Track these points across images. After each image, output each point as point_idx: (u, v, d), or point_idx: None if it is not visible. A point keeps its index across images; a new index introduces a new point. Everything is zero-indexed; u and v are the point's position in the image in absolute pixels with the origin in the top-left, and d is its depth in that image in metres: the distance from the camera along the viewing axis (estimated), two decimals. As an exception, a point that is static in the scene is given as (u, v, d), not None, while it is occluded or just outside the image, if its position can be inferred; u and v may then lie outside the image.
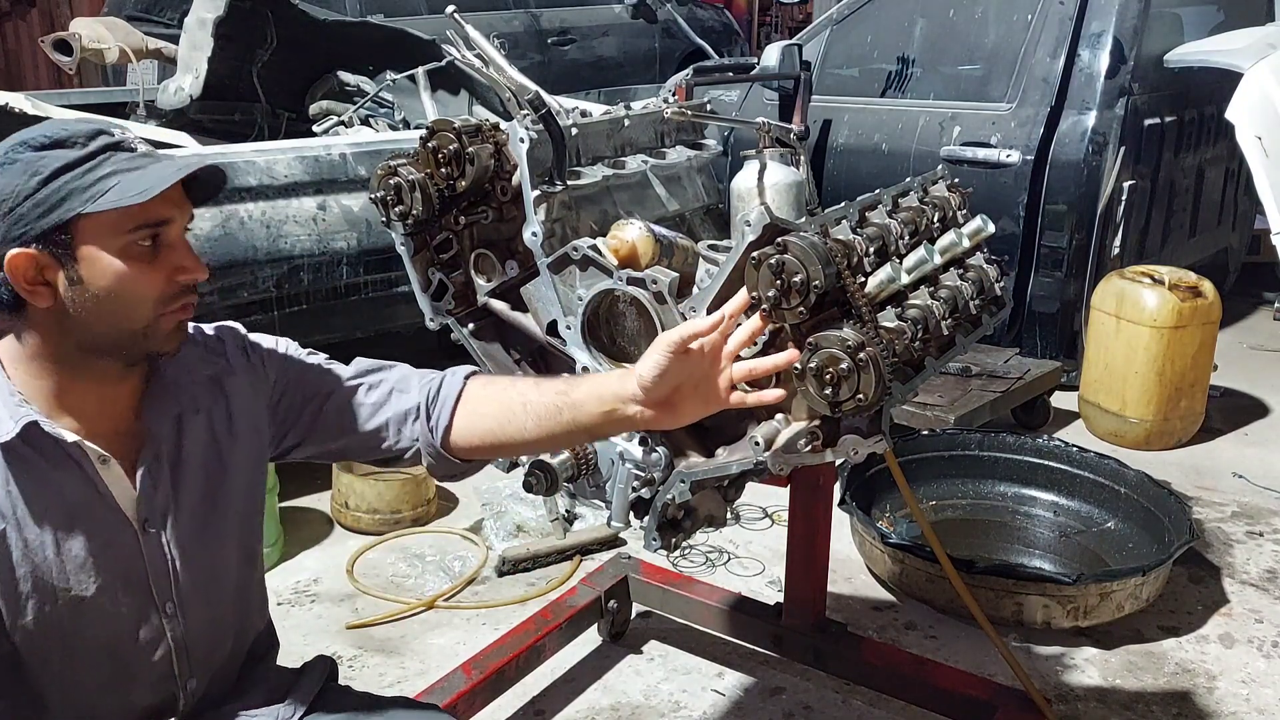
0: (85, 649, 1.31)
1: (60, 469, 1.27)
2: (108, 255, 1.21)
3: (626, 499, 1.72)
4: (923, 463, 3.33)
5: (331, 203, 3.27)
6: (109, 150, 1.22)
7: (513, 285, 1.85)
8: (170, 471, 1.36)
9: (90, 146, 1.22)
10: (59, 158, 1.19)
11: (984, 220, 1.86)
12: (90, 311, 1.23)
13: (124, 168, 1.22)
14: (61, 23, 7.75)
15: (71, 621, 1.28)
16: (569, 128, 1.81)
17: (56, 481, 1.26)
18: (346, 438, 1.53)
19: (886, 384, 1.41)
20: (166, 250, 1.26)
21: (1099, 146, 4.02)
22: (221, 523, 1.43)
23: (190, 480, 1.38)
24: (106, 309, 1.23)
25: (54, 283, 1.21)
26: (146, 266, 1.24)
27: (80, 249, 1.21)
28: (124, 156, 1.23)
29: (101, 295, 1.22)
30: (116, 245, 1.22)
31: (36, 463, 1.25)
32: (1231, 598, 2.93)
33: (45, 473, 1.25)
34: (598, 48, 7.09)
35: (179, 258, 1.27)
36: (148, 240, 1.24)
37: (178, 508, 1.36)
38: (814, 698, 2.50)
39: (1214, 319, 3.81)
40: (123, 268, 1.22)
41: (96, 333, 1.25)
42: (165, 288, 1.26)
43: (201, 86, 3.84)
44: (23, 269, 1.20)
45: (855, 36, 4.73)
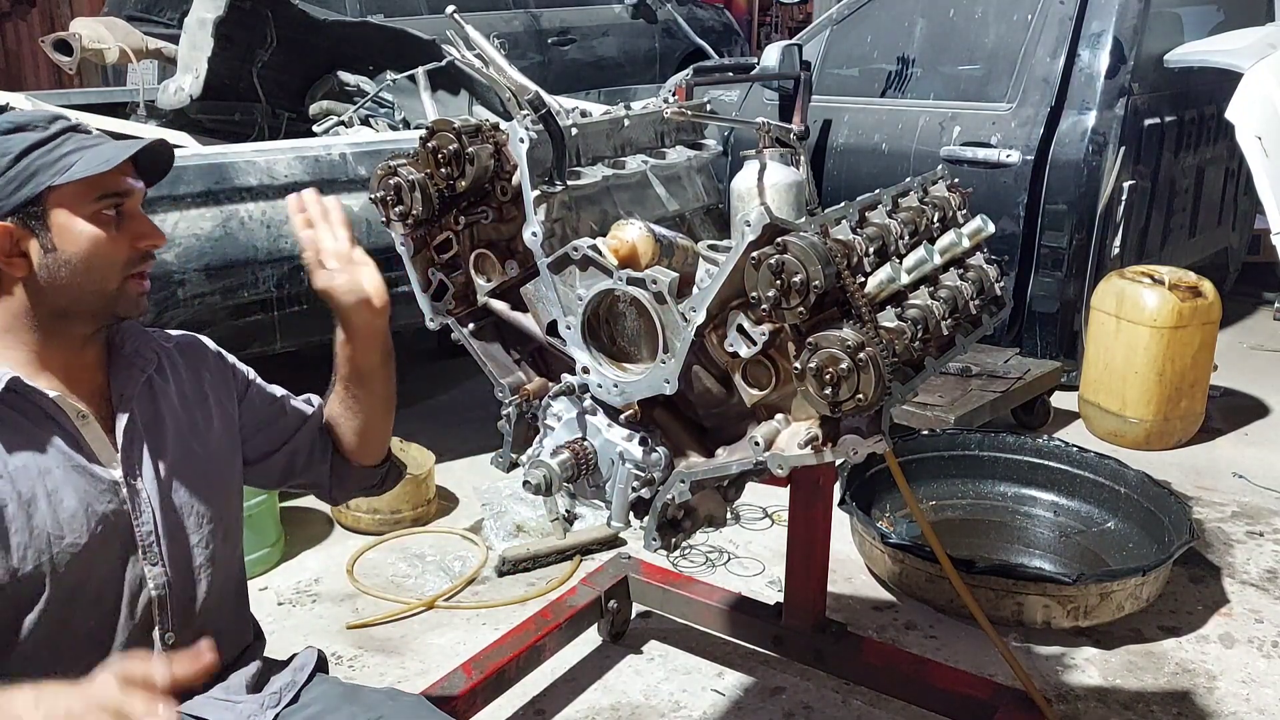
0: (78, 598, 1.37)
1: (41, 426, 1.36)
2: (79, 221, 1.34)
3: (626, 499, 1.72)
4: (923, 463, 3.33)
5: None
6: (68, 131, 1.36)
7: (513, 285, 1.85)
8: (145, 429, 1.45)
9: (51, 129, 1.35)
10: (24, 139, 1.32)
11: (984, 220, 1.86)
12: (64, 278, 1.34)
13: (85, 145, 1.35)
14: (61, 23, 7.75)
15: (67, 570, 1.35)
16: (569, 128, 1.81)
17: (40, 438, 1.35)
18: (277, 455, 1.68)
19: (886, 384, 1.41)
20: (128, 220, 1.38)
21: (1099, 146, 4.02)
22: (198, 480, 1.51)
23: (166, 436, 1.48)
24: (80, 273, 1.35)
25: (29, 253, 1.33)
26: (113, 233, 1.37)
27: (53, 218, 1.33)
28: (82, 136, 1.37)
29: (75, 261, 1.34)
30: (86, 213, 1.34)
31: (19, 422, 1.34)
32: (1231, 598, 2.93)
33: (29, 430, 1.34)
34: (598, 48, 7.09)
35: (140, 225, 1.40)
36: (112, 209, 1.36)
37: (156, 461, 1.45)
38: (814, 698, 2.51)
39: (1214, 319, 3.81)
40: (94, 232, 1.35)
41: (70, 298, 1.36)
42: (130, 253, 1.38)
43: (201, 86, 3.84)
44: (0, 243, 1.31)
45: (855, 36, 4.73)
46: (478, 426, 3.55)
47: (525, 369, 1.91)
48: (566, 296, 1.72)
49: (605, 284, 1.66)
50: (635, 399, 1.69)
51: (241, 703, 1.50)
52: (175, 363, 1.55)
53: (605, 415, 1.74)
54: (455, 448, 3.61)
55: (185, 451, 1.50)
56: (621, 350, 1.73)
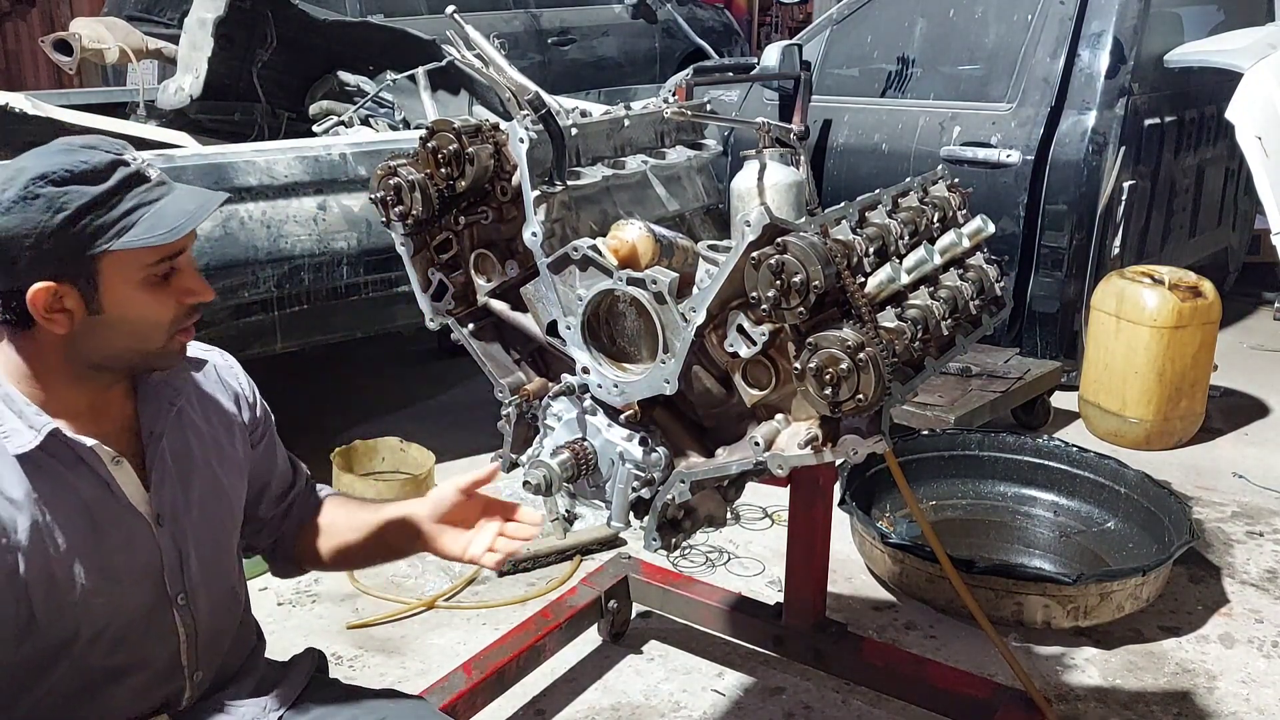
0: (103, 641, 1.34)
1: (74, 472, 1.30)
2: (129, 286, 1.26)
3: (626, 499, 1.72)
4: (923, 463, 3.33)
5: (331, 203, 3.27)
6: (128, 183, 1.25)
7: (513, 285, 1.85)
8: (175, 465, 1.40)
9: (110, 181, 1.23)
10: (81, 194, 1.21)
11: (984, 220, 1.86)
12: (105, 337, 1.28)
13: (145, 200, 1.25)
14: (61, 23, 7.75)
15: (93, 616, 1.31)
16: (569, 128, 1.81)
17: (73, 484, 1.30)
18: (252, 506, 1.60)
19: (886, 384, 1.41)
20: (178, 275, 1.31)
21: (1099, 146, 4.02)
22: (224, 514, 1.49)
23: (195, 473, 1.43)
24: (123, 334, 1.29)
25: (73, 310, 1.25)
26: (161, 293, 1.29)
27: (103, 281, 1.25)
28: (143, 189, 1.26)
29: (119, 323, 1.27)
30: (138, 277, 1.27)
31: (53, 468, 1.28)
32: (1231, 598, 2.93)
33: (62, 476, 1.29)
34: (598, 48, 7.09)
35: (188, 281, 1.32)
36: (166, 269, 1.28)
37: (186, 501, 1.41)
38: (814, 698, 2.51)
39: (1214, 319, 3.81)
40: (141, 296, 1.27)
41: (108, 355, 1.30)
42: (176, 311, 1.31)
43: (201, 86, 3.84)
44: (44, 300, 1.23)
45: (855, 36, 4.73)
46: (478, 426, 3.54)
47: (525, 369, 1.91)
48: (566, 296, 1.72)
49: (605, 284, 1.66)
50: (635, 399, 1.69)
51: (243, 706, 1.49)
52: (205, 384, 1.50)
53: (605, 415, 1.74)
54: (455, 448, 3.60)
55: (210, 484, 1.46)
56: (621, 350, 1.73)
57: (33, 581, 1.25)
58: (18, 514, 1.25)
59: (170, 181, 1.31)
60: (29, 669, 1.30)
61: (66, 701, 1.34)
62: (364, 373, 4.59)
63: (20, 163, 1.24)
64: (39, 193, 1.20)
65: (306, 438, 3.59)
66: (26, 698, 1.32)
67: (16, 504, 1.25)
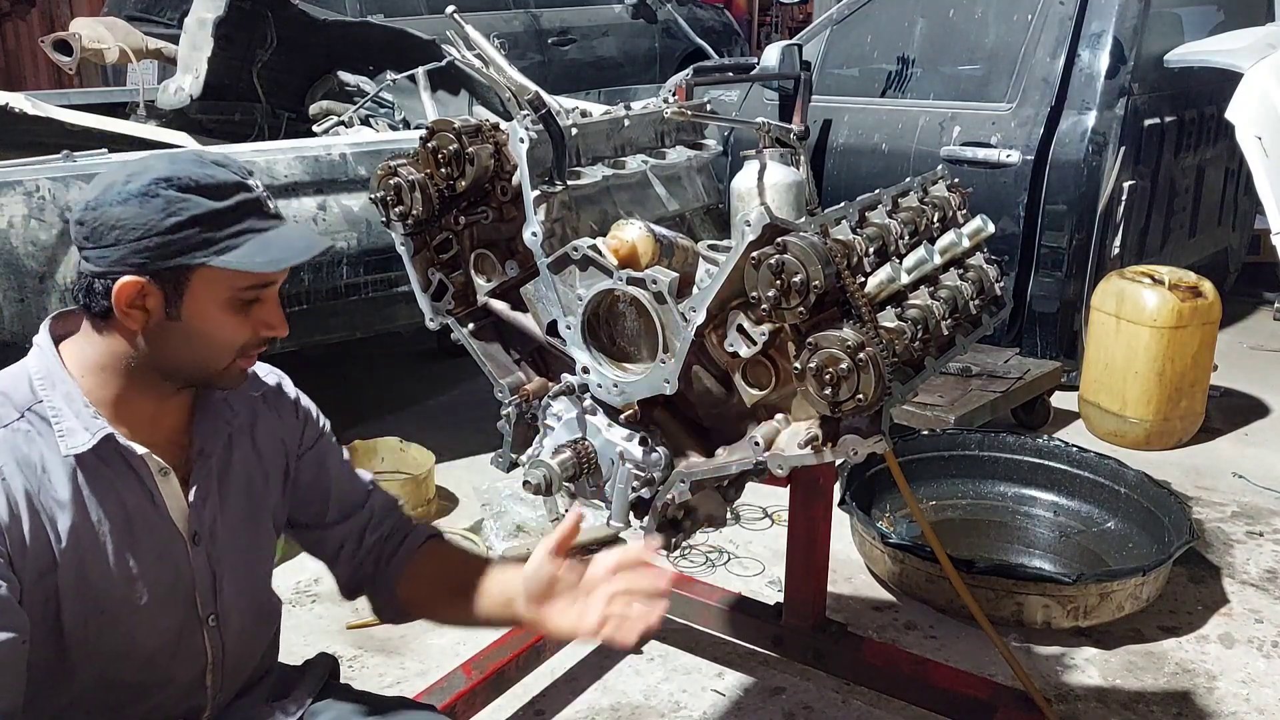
0: (129, 656, 1.34)
1: (121, 479, 1.30)
2: (213, 304, 1.27)
3: (626, 499, 1.72)
4: (923, 463, 3.33)
5: (331, 203, 3.27)
6: (246, 207, 1.27)
7: (513, 285, 1.85)
8: (218, 485, 1.40)
9: (230, 201, 1.26)
10: (199, 205, 1.23)
11: (984, 220, 1.86)
12: (174, 345, 1.28)
13: (256, 228, 1.27)
14: (61, 23, 7.75)
15: (122, 629, 1.31)
16: (569, 128, 1.81)
17: (118, 491, 1.30)
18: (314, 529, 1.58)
19: (886, 384, 1.41)
20: (260, 306, 1.32)
21: (1099, 146, 4.02)
22: (259, 538, 1.48)
23: (235, 495, 1.43)
24: (193, 346, 1.29)
25: (151, 311, 1.26)
26: (240, 318, 1.30)
27: (191, 291, 1.26)
28: (257, 219, 1.28)
29: (192, 335, 1.28)
30: (225, 296, 1.28)
31: (102, 472, 1.28)
32: (1231, 598, 2.93)
33: (109, 481, 1.29)
34: (598, 48, 7.09)
35: (269, 313, 1.33)
36: (252, 296, 1.30)
37: (223, 522, 1.41)
38: (814, 698, 2.51)
39: (1214, 319, 3.82)
40: (221, 316, 1.28)
41: (174, 363, 1.30)
42: (249, 338, 1.32)
43: (201, 86, 3.84)
44: (129, 293, 1.24)
45: (855, 36, 4.73)
46: (478, 426, 3.54)
47: (525, 369, 1.91)
48: (566, 296, 1.72)
49: (605, 284, 1.66)
50: (635, 399, 1.69)
51: (257, 711, 1.49)
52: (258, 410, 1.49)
53: (605, 415, 1.74)
54: (455, 448, 3.61)
55: (250, 509, 1.45)
56: (621, 350, 1.73)
57: (65, 584, 1.25)
58: (60, 514, 1.25)
59: (283, 216, 1.34)
60: (51, 675, 1.30)
61: (88, 715, 1.34)
62: (364, 373, 4.59)
63: (151, 160, 1.27)
64: (160, 193, 1.22)
65: (306, 438, 3.61)
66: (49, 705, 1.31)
67: (61, 504, 1.25)
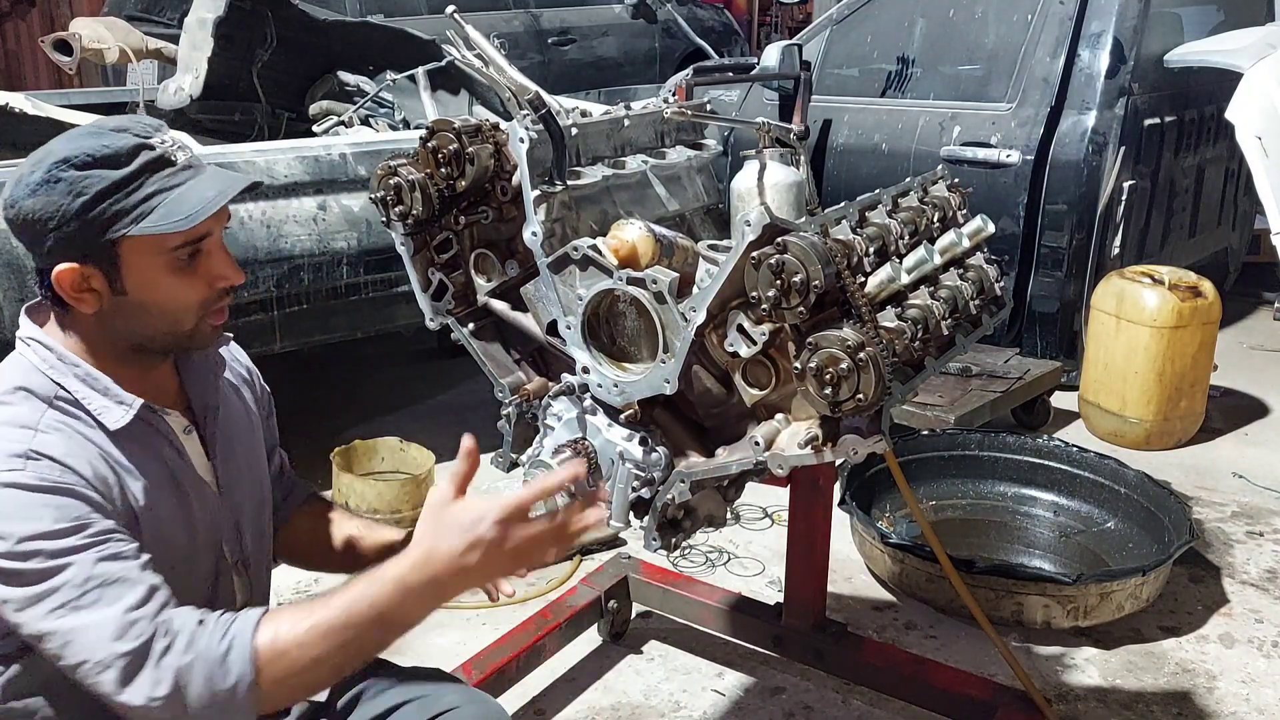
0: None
1: (156, 443, 1.34)
2: (152, 270, 1.28)
3: (626, 499, 1.72)
4: (923, 463, 3.33)
5: (331, 203, 3.27)
6: (150, 167, 1.26)
7: (513, 285, 1.85)
8: (225, 438, 1.45)
9: (132, 165, 1.25)
10: (102, 178, 1.23)
11: (984, 220, 1.86)
12: (135, 318, 1.30)
13: (166, 185, 1.27)
14: (61, 23, 7.74)
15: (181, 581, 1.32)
16: (569, 128, 1.81)
17: (160, 454, 1.35)
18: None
19: (886, 384, 1.41)
20: (205, 258, 1.32)
21: (1099, 146, 4.02)
22: (264, 484, 1.54)
23: (239, 446, 1.48)
24: (152, 315, 1.31)
25: (99, 290, 1.28)
26: (188, 276, 1.31)
27: (125, 263, 1.27)
28: (165, 173, 1.27)
29: (147, 305, 1.30)
30: (160, 261, 1.28)
31: (139, 440, 1.32)
32: (1231, 598, 2.93)
33: (148, 447, 1.33)
34: (598, 48, 7.09)
35: (217, 264, 1.33)
36: (190, 253, 1.30)
37: (236, 471, 1.46)
38: (814, 698, 2.51)
39: (1214, 319, 3.81)
40: (166, 280, 1.29)
41: (144, 335, 1.32)
42: (206, 294, 1.33)
43: (201, 86, 3.84)
44: (69, 281, 1.26)
45: (855, 36, 4.73)
46: (478, 426, 3.54)
47: (525, 369, 1.91)
48: (566, 296, 1.72)
49: (605, 284, 1.66)
50: (635, 399, 1.69)
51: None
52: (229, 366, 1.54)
53: (605, 415, 1.74)
54: (455, 448, 3.59)
55: (250, 455, 1.51)
56: (621, 350, 1.73)
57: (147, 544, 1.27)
58: (129, 480, 1.28)
59: (200, 165, 1.32)
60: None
61: None
62: (364, 373, 4.59)
63: (51, 144, 1.27)
64: (61, 176, 1.23)
65: (306, 438, 3.60)
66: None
67: (125, 471, 1.28)
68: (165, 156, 1.28)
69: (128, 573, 1.19)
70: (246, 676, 1.17)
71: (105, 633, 1.16)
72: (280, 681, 1.20)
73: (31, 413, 1.25)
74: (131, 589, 1.19)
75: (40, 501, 1.18)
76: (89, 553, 1.18)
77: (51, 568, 1.16)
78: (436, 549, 1.24)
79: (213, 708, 1.17)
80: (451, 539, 1.24)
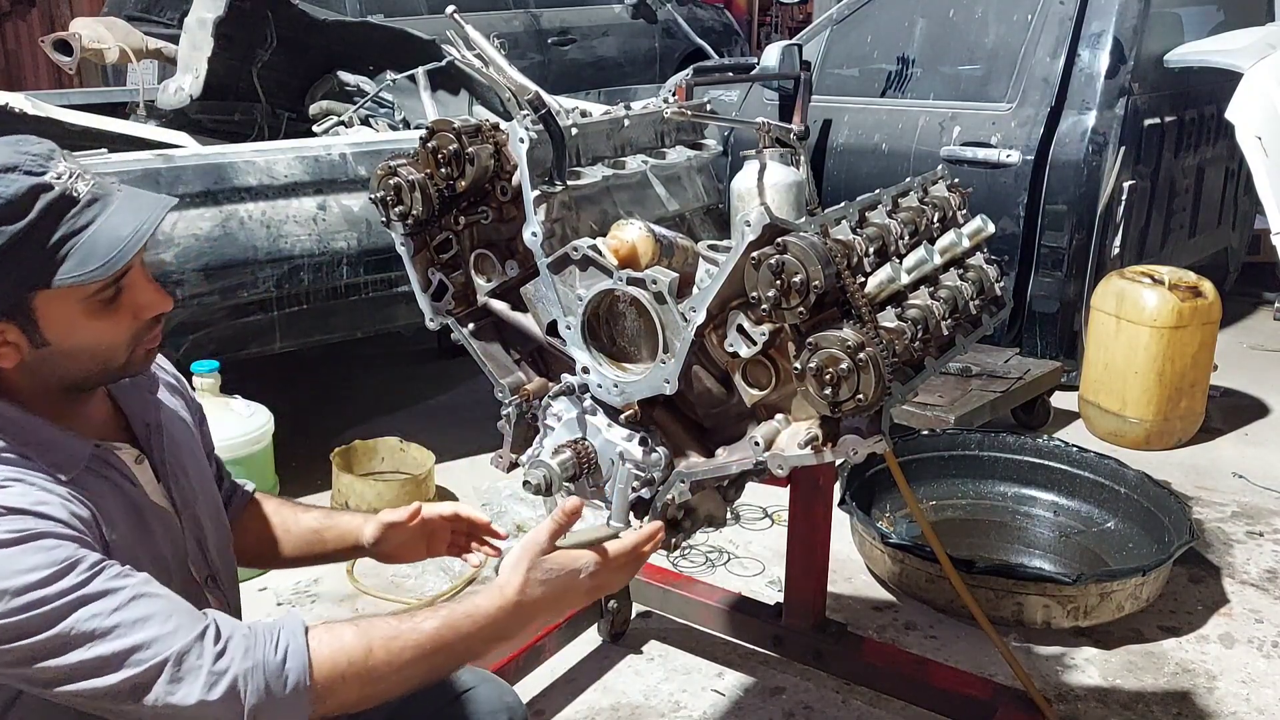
0: None
1: (111, 478, 1.28)
2: (72, 317, 1.20)
3: (626, 499, 1.72)
4: (923, 463, 3.33)
5: (331, 203, 3.27)
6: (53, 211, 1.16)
7: (513, 285, 1.85)
8: (171, 455, 1.39)
9: (32, 213, 1.14)
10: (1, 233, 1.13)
11: (984, 220, 1.86)
12: (62, 364, 1.23)
13: (75, 228, 1.17)
14: (61, 23, 7.75)
15: None
16: (569, 128, 1.81)
17: (115, 488, 1.28)
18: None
19: (886, 384, 1.41)
20: (128, 292, 1.24)
21: (1099, 146, 4.02)
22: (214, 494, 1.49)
23: (187, 459, 1.43)
24: (80, 359, 1.24)
25: (17, 343, 1.19)
26: (113, 315, 1.23)
27: (42, 317, 1.19)
28: (71, 215, 1.17)
29: (73, 351, 1.22)
30: (80, 308, 1.20)
31: (95, 478, 1.26)
32: (1231, 598, 2.93)
33: (103, 484, 1.27)
34: (598, 48, 7.09)
35: (142, 295, 1.25)
36: (110, 294, 1.22)
37: (189, 487, 1.41)
38: (814, 698, 2.51)
39: (1214, 319, 3.81)
40: (89, 324, 1.21)
41: (74, 377, 1.26)
42: (135, 327, 1.26)
43: (201, 86, 3.84)
44: None
45: (855, 36, 4.73)
46: (478, 426, 3.54)
47: (525, 369, 1.91)
48: (566, 296, 1.72)
49: (605, 284, 1.66)
50: (635, 399, 1.69)
51: None
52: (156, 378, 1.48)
53: (605, 415, 1.74)
54: (455, 448, 3.60)
55: (199, 466, 1.46)
56: (621, 350, 1.73)
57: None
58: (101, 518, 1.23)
59: (108, 192, 1.21)
60: None
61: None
62: (364, 373, 4.59)
63: None
64: None
65: (306, 438, 3.61)
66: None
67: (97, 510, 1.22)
68: (67, 194, 1.16)
69: (144, 586, 1.16)
70: (304, 683, 1.16)
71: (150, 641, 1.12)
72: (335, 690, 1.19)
73: None
74: (154, 600, 1.15)
75: (22, 553, 1.10)
76: (94, 583, 1.12)
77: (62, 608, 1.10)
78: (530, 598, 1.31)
79: (268, 711, 1.15)
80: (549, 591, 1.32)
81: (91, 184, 1.20)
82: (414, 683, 1.25)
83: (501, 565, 1.34)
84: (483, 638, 1.28)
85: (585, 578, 1.34)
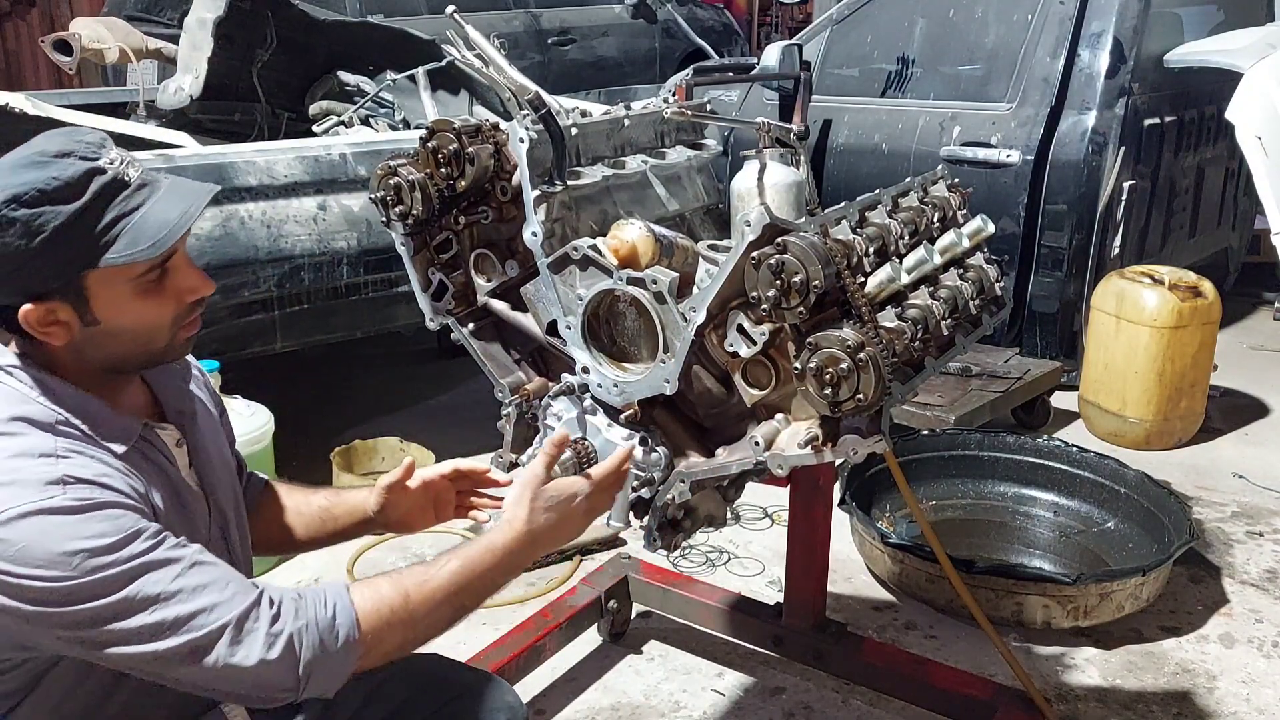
0: None
1: (155, 459, 1.34)
2: (121, 297, 1.25)
3: (626, 499, 1.72)
4: (923, 463, 3.33)
5: (332, 203, 3.27)
6: (106, 193, 1.21)
7: (513, 285, 1.85)
8: (202, 441, 1.45)
9: (86, 195, 1.19)
10: (56, 214, 1.18)
11: (984, 220, 1.86)
12: (108, 344, 1.28)
13: (126, 209, 1.22)
14: (61, 23, 7.75)
15: None
16: (569, 128, 1.81)
17: (159, 469, 1.34)
18: None
19: (886, 384, 1.41)
20: (172, 275, 1.29)
21: (1099, 146, 4.02)
22: (237, 488, 1.53)
23: (212, 447, 1.47)
24: (124, 340, 1.29)
25: (68, 323, 1.25)
26: (158, 296, 1.28)
27: (92, 294, 1.24)
28: (122, 197, 1.22)
29: (119, 330, 1.27)
30: (128, 288, 1.25)
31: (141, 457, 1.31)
32: (1231, 598, 2.93)
33: (150, 463, 1.33)
34: (598, 48, 7.09)
35: (185, 279, 1.31)
36: (157, 275, 1.27)
37: (216, 476, 1.45)
38: (814, 698, 2.51)
39: (1214, 319, 3.81)
40: (136, 304, 1.27)
41: (117, 358, 1.31)
42: (178, 310, 1.31)
43: (201, 86, 3.84)
44: (35, 318, 1.23)
45: (855, 36, 4.73)
46: (478, 426, 3.54)
47: (525, 369, 1.92)
48: (566, 296, 1.72)
49: (605, 284, 1.66)
50: (635, 399, 1.69)
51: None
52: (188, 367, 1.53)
53: (605, 415, 1.74)
54: (455, 448, 3.59)
55: (222, 455, 1.51)
56: (621, 350, 1.73)
57: None
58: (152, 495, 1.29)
59: (155, 179, 1.27)
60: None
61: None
62: (364, 373, 4.59)
63: None
64: (13, 217, 1.17)
65: (306, 438, 3.61)
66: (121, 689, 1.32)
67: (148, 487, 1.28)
68: (119, 178, 1.22)
69: (200, 555, 1.22)
70: (353, 635, 1.25)
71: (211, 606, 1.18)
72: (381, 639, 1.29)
73: (43, 441, 1.21)
74: (211, 568, 1.22)
75: (90, 520, 1.16)
76: (157, 551, 1.18)
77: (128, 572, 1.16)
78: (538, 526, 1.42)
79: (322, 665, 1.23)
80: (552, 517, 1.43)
81: (141, 170, 1.26)
82: (444, 624, 1.38)
83: (505, 502, 1.45)
84: (501, 569, 1.40)
85: (581, 500, 1.46)
